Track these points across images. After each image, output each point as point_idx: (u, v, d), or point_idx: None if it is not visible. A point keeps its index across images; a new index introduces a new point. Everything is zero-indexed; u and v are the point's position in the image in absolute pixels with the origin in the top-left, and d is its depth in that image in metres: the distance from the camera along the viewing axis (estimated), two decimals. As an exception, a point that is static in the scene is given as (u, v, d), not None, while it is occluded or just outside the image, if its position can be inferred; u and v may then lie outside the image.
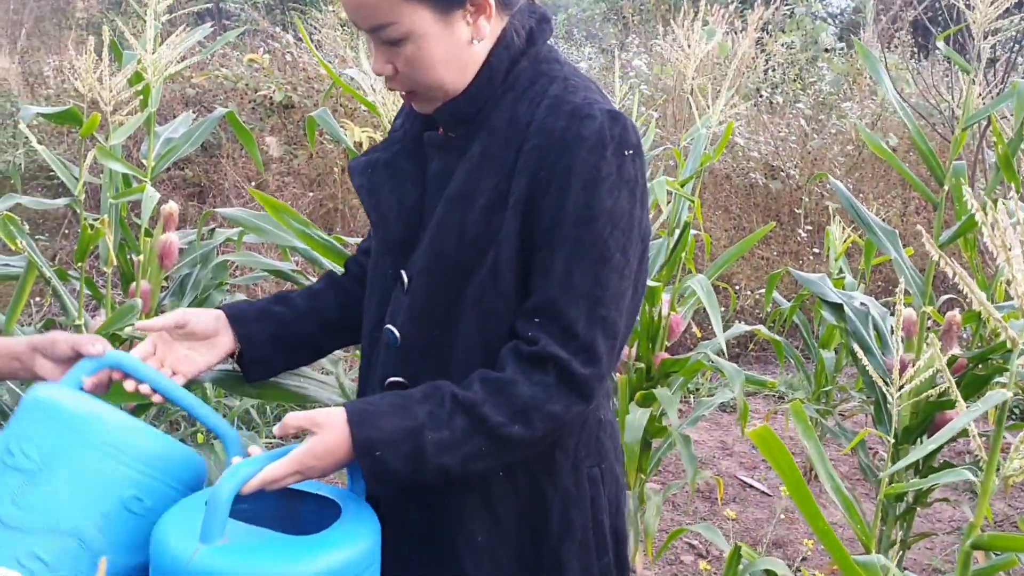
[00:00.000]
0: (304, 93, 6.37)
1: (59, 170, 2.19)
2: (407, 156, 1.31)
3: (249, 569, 1.07)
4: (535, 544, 1.27)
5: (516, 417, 1.15)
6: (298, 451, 1.13)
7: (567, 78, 1.24)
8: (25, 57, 13.42)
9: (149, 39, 2.17)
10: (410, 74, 1.21)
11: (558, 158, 1.16)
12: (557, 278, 1.16)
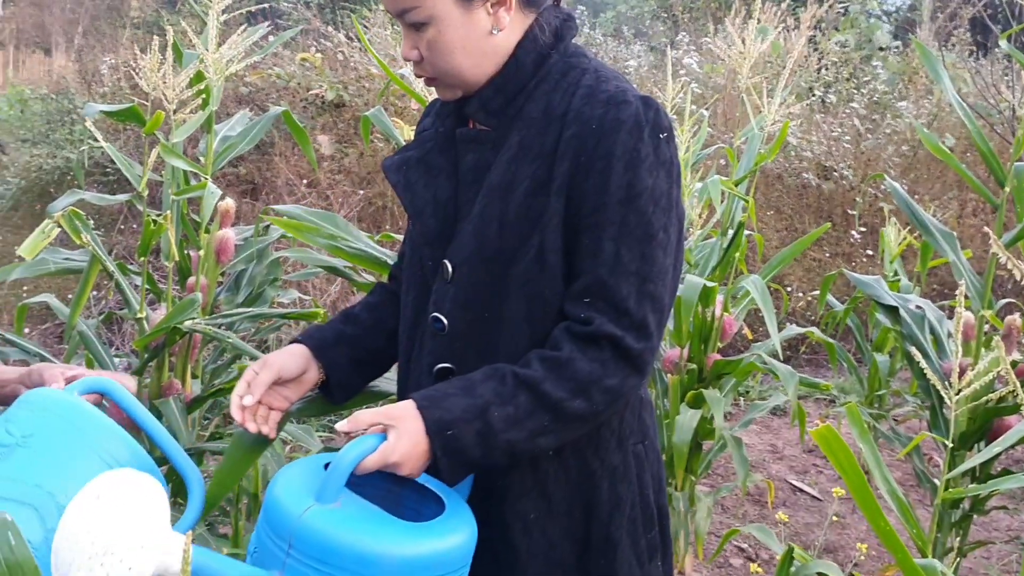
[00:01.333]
0: (355, 92, 6.43)
1: (123, 167, 2.24)
2: (439, 152, 1.36)
3: (353, 537, 1.10)
4: (585, 520, 1.31)
5: (576, 393, 1.20)
6: (384, 444, 1.17)
7: (597, 70, 1.30)
8: (81, 55, 13.74)
9: (211, 38, 2.20)
10: (431, 59, 1.27)
11: (598, 142, 1.22)
12: (606, 257, 1.21)
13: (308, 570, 1.11)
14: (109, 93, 8.18)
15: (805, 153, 6.45)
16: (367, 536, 1.11)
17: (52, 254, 2.53)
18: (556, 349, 1.22)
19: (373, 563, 1.10)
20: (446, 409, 1.18)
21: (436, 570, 1.14)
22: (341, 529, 1.11)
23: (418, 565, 1.12)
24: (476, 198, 1.29)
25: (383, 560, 1.10)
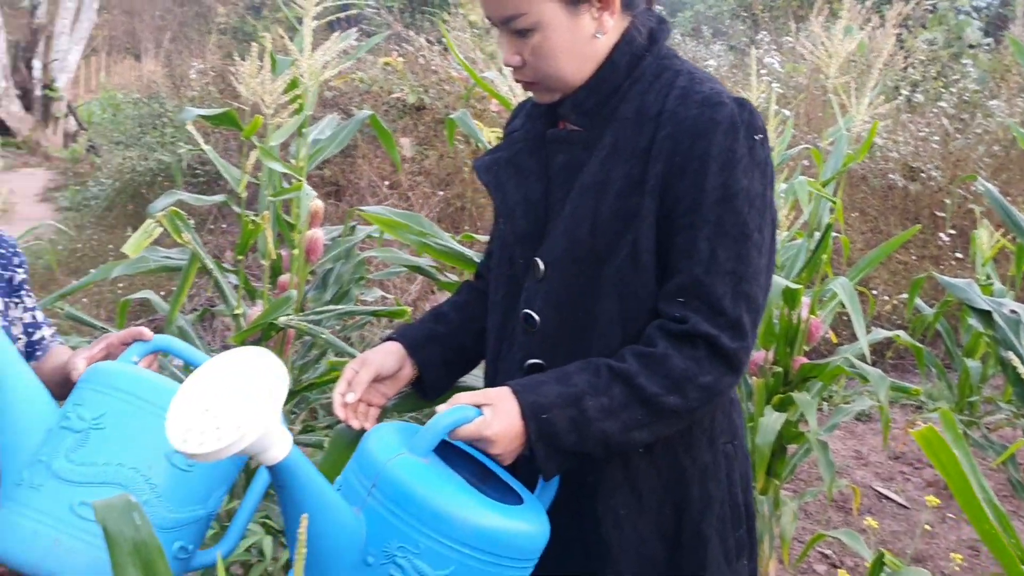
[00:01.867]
0: (435, 95, 6.52)
1: (222, 169, 2.33)
2: (529, 153, 1.39)
3: (433, 492, 1.13)
4: (676, 517, 1.32)
5: (671, 388, 1.21)
6: (480, 418, 1.20)
7: (690, 71, 1.32)
8: (170, 60, 14.19)
9: (306, 45, 2.27)
10: (535, 63, 1.29)
11: (694, 143, 1.23)
12: (701, 257, 1.22)
13: (385, 513, 1.13)
14: (198, 97, 8.44)
15: (891, 153, 6.30)
16: (446, 495, 1.14)
17: (151, 252, 2.63)
18: (650, 346, 1.24)
19: (445, 522, 1.12)
20: (541, 394, 1.21)
21: (502, 550, 1.15)
22: (424, 481, 1.14)
23: (486, 537, 1.14)
24: (567, 198, 1.31)
25: (455, 522, 1.12)
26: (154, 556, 0.93)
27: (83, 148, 12.65)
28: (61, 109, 13.67)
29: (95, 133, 13.70)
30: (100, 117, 15.46)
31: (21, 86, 13.31)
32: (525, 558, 1.19)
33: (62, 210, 9.23)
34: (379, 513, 1.14)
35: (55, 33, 13.77)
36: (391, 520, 1.13)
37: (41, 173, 11.81)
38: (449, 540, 1.12)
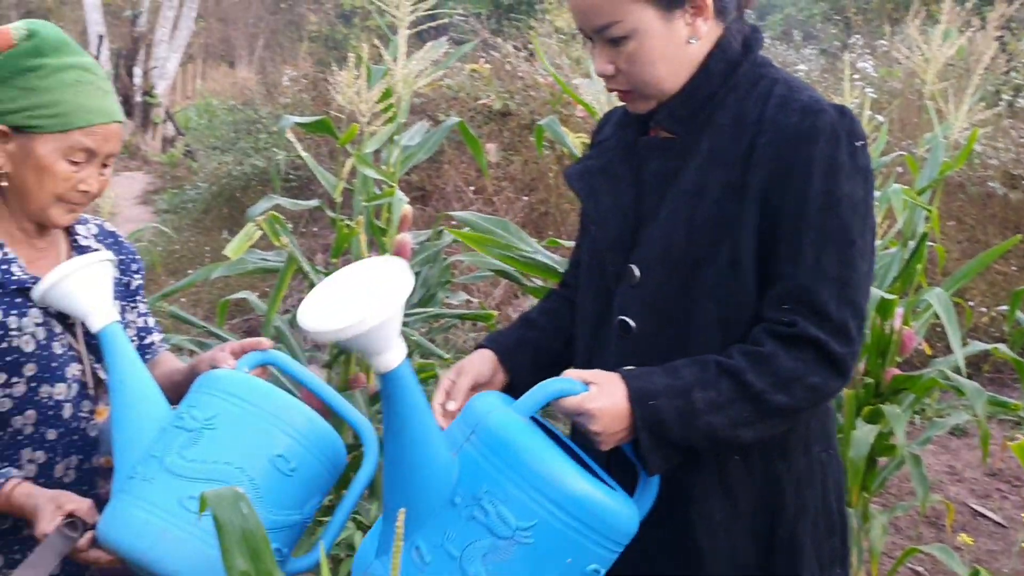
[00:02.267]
0: (520, 101, 6.57)
1: (319, 175, 2.40)
2: (620, 161, 1.40)
3: (531, 445, 1.16)
4: (770, 523, 1.32)
5: (778, 386, 1.22)
6: (585, 393, 1.21)
7: (787, 80, 1.33)
8: (264, 67, 14.61)
9: (401, 54, 2.33)
10: (630, 71, 1.30)
11: (796, 150, 1.24)
12: (807, 263, 1.23)
13: (479, 457, 1.17)
14: (290, 104, 8.67)
15: (991, 161, 6.10)
16: (543, 450, 1.17)
17: (248, 254, 2.73)
18: (758, 345, 1.24)
19: (538, 475, 1.14)
20: (649, 382, 1.22)
21: (589, 519, 1.16)
22: (524, 435, 1.17)
23: (577, 502, 1.15)
24: (660, 204, 1.32)
25: (549, 477, 1.14)
26: (260, 544, 0.98)
27: (180, 153, 13.11)
28: (160, 115, 14.19)
29: (192, 138, 14.20)
30: (196, 123, 16.03)
31: (122, 92, 13.86)
32: (610, 539, 1.19)
33: (160, 212, 9.59)
34: (473, 458, 1.17)
35: (155, 41, 14.32)
36: (484, 465, 1.16)
37: (141, 176, 12.29)
38: (538, 494, 1.14)
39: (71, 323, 1.49)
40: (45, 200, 1.44)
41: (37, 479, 1.45)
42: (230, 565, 0.96)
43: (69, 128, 1.42)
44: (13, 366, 1.42)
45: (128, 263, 1.65)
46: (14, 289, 1.44)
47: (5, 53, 1.44)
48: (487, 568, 1.14)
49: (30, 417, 1.44)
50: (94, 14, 13.77)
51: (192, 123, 15.92)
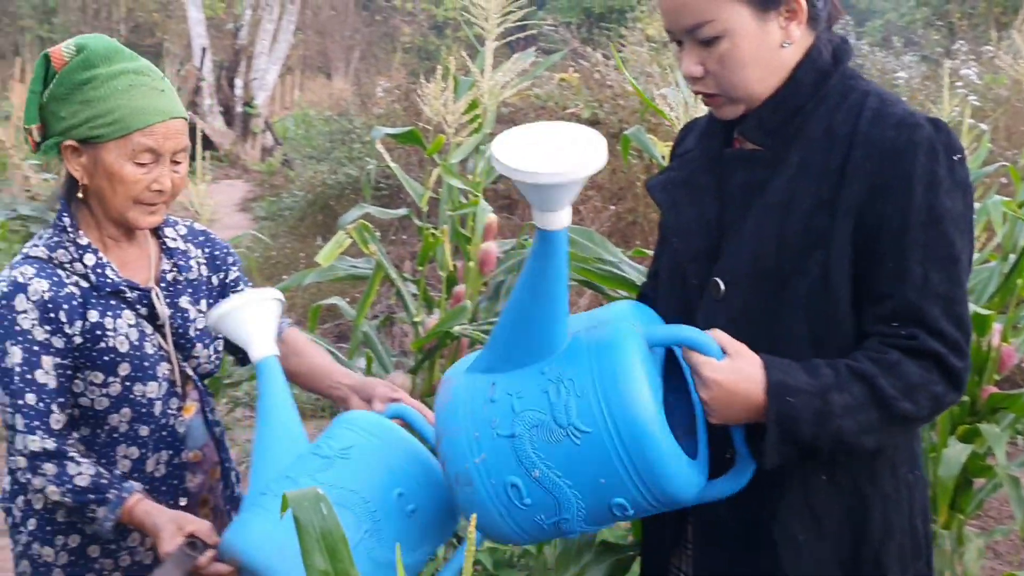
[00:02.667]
0: (609, 110, 6.55)
1: (407, 185, 2.46)
2: (704, 172, 1.38)
3: (632, 369, 1.18)
4: (855, 544, 1.30)
5: (906, 393, 1.21)
6: (718, 361, 1.21)
7: (879, 92, 1.30)
8: (359, 78, 14.95)
9: (487, 66, 2.37)
10: (720, 73, 1.28)
11: (894, 165, 1.22)
12: (915, 281, 1.22)
13: (584, 350, 1.20)
14: (383, 114, 8.84)
15: (1103, 170, 5.81)
16: (636, 380, 1.17)
17: (339, 261, 2.82)
18: (881, 354, 1.23)
19: (616, 395, 1.16)
20: (791, 376, 1.20)
21: (637, 461, 1.17)
22: (632, 356, 1.19)
23: (634, 440, 1.16)
24: (744, 217, 1.31)
25: (622, 403, 1.16)
26: (338, 544, 1.01)
27: (278, 162, 13.50)
28: (259, 125, 14.66)
29: (289, 148, 14.60)
30: (294, 133, 16.47)
31: (224, 103, 14.38)
32: (650, 490, 1.19)
33: (258, 219, 9.90)
34: (580, 346, 1.21)
35: (255, 53, 14.80)
36: (583, 357, 1.20)
37: (240, 184, 12.71)
38: (607, 408, 1.17)
39: (160, 324, 1.57)
40: (123, 204, 1.50)
41: (131, 474, 1.53)
42: (309, 564, 1.00)
43: (128, 132, 1.46)
44: (110, 366, 1.49)
45: (223, 258, 1.71)
46: (109, 292, 1.52)
47: (60, 72, 1.50)
48: (532, 439, 1.19)
49: (125, 415, 1.51)
50: (198, 28, 14.31)
51: (290, 133, 16.37)
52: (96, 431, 1.52)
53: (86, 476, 1.45)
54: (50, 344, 1.46)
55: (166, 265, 1.61)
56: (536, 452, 1.19)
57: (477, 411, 1.24)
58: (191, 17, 14.40)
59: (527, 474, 1.20)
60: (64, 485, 1.44)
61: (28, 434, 1.45)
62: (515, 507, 1.22)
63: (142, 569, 1.57)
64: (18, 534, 1.56)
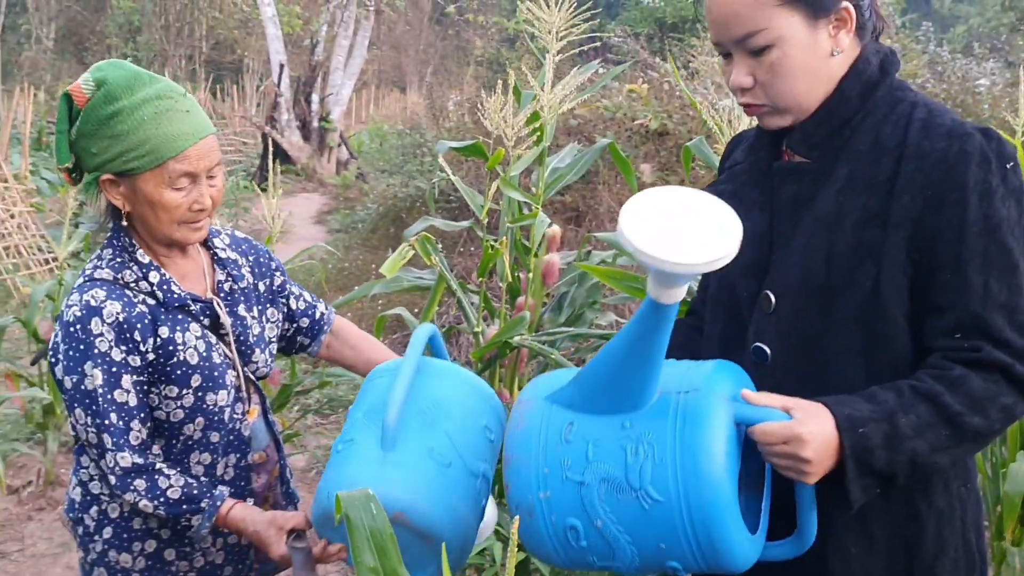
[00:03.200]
0: (678, 120, 6.54)
1: (467, 196, 2.51)
2: (752, 185, 1.39)
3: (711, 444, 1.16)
4: (908, 561, 1.29)
5: (974, 408, 1.19)
6: (793, 421, 1.18)
7: (926, 103, 1.30)
8: (431, 92, 15.17)
9: (547, 80, 2.41)
10: (770, 82, 1.28)
11: (947, 175, 1.21)
12: (975, 292, 1.21)
13: (671, 416, 1.18)
14: (454, 127, 8.97)
15: None
16: (719, 461, 1.15)
17: (405, 272, 2.88)
18: (944, 371, 1.22)
19: (695, 474, 1.15)
20: (855, 408, 1.19)
21: (702, 537, 1.16)
22: (720, 439, 1.16)
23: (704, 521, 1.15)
24: (793, 230, 1.31)
25: (700, 482, 1.14)
26: (387, 543, 1.06)
27: (353, 175, 13.78)
28: (335, 139, 14.97)
29: (364, 161, 14.89)
30: (368, 146, 16.81)
31: (300, 118, 14.73)
32: (707, 560, 1.19)
33: (333, 232, 10.12)
34: (668, 410, 1.19)
35: (331, 69, 15.13)
36: (668, 422, 1.18)
37: (316, 197, 13.01)
38: (683, 485, 1.15)
39: (224, 333, 1.63)
40: (168, 228, 1.54)
41: (202, 478, 1.59)
42: (359, 561, 1.05)
43: (162, 161, 1.48)
44: (183, 379, 1.54)
45: (266, 264, 1.75)
46: (176, 307, 1.56)
47: (84, 109, 1.50)
48: (599, 491, 1.19)
49: (199, 424, 1.57)
50: (276, 44, 14.69)
51: (364, 147, 16.70)
52: (172, 441, 1.57)
53: (176, 488, 1.51)
54: (127, 363, 1.50)
55: (221, 276, 1.66)
56: (602, 504, 1.19)
57: (550, 447, 1.24)
58: (269, 34, 14.79)
59: (589, 521, 1.20)
60: (157, 499, 1.50)
61: (117, 451, 1.49)
62: (570, 546, 1.23)
63: (215, 568, 1.64)
64: (92, 543, 1.61)
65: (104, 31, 24.57)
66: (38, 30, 24.70)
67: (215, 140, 1.56)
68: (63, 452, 4.13)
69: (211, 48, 25.37)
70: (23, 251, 7.16)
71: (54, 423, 3.86)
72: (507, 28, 18.70)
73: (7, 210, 7.28)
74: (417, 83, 26.85)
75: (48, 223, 8.35)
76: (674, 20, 13.93)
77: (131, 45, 23.33)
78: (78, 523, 1.63)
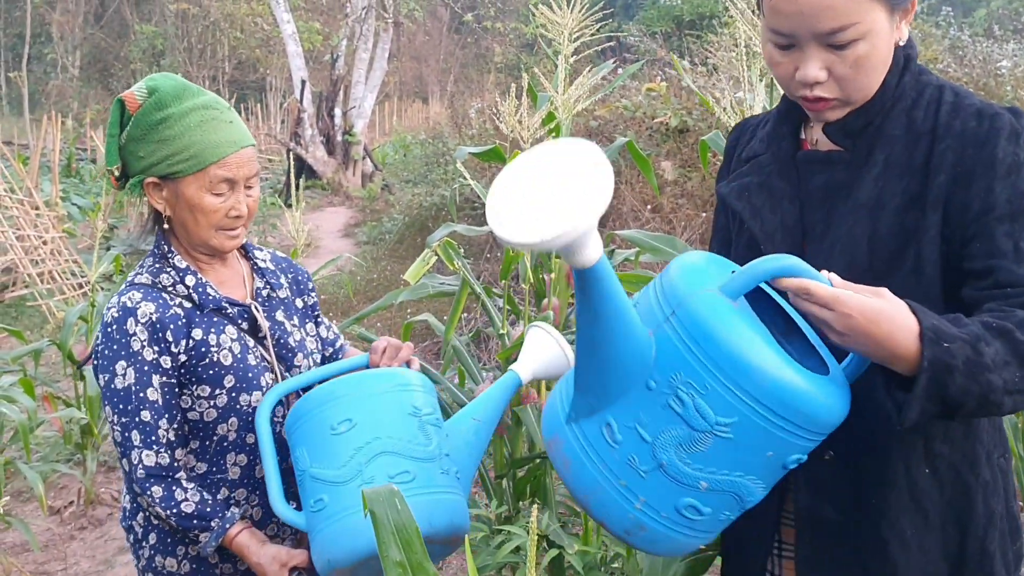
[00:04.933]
0: (698, 116, 6.53)
1: (484, 199, 2.53)
2: (779, 176, 1.38)
3: (737, 335, 1.08)
4: (960, 534, 1.30)
5: None
6: (850, 294, 1.10)
7: (952, 87, 1.31)
8: (452, 101, 15.24)
9: (561, 81, 2.43)
10: (851, 76, 1.24)
11: (977, 153, 1.22)
12: (1007, 253, 1.20)
13: (679, 343, 1.10)
14: (476, 135, 9.02)
15: None
16: (749, 343, 1.09)
17: (431, 279, 2.90)
18: (1007, 313, 1.17)
19: (742, 370, 1.08)
20: (942, 322, 1.12)
21: (793, 416, 1.09)
22: (727, 323, 1.09)
23: (782, 398, 1.08)
24: (827, 219, 1.31)
25: (753, 373, 1.07)
26: (413, 537, 1.07)
27: (378, 187, 13.87)
28: (359, 152, 15.08)
29: (389, 172, 14.99)
30: (392, 158, 16.92)
31: (324, 133, 14.86)
32: (815, 431, 1.13)
33: (360, 244, 10.20)
34: (672, 342, 1.11)
35: (352, 82, 15.25)
36: (684, 353, 1.10)
37: (343, 211, 13.12)
38: (741, 390, 1.08)
39: (262, 336, 1.66)
40: (205, 232, 1.60)
41: (241, 480, 1.62)
42: (385, 556, 1.06)
43: (205, 166, 1.56)
44: (216, 379, 1.59)
45: (305, 283, 1.81)
46: (211, 309, 1.62)
47: (135, 114, 1.60)
48: (681, 458, 1.11)
49: (233, 424, 1.61)
50: (297, 60, 14.84)
51: (389, 158, 16.81)
52: (206, 442, 1.61)
53: (191, 503, 1.54)
54: (159, 364, 1.55)
55: (259, 283, 1.71)
56: (693, 467, 1.12)
57: (608, 460, 1.16)
58: (290, 51, 14.94)
59: (695, 490, 1.13)
60: (170, 508, 1.54)
61: (145, 448, 1.53)
62: (696, 522, 1.16)
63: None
64: (140, 549, 1.65)
65: (128, 56, 24.95)
66: (63, 59, 25.16)
67: (254, 152, 1.63)
68: (102, 471, 4.21)
69: (234, 68, 25.68)
70: (57, 276, 7.29)
71: (92, 443, 3.93)
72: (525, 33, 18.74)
73: (40, 237, 7.42)
74: (439, 93, 26.98)
75: (80, 248, 8.50)
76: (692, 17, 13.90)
77: (156, 69, 23.67)
78: (129, 531, 1.67)
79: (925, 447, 1.28)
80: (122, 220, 9.34)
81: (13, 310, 7.45)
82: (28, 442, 2.84)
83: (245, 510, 1.63)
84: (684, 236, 5.66)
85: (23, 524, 2.93)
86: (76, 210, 10.67)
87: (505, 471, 2.57)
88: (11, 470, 3.45)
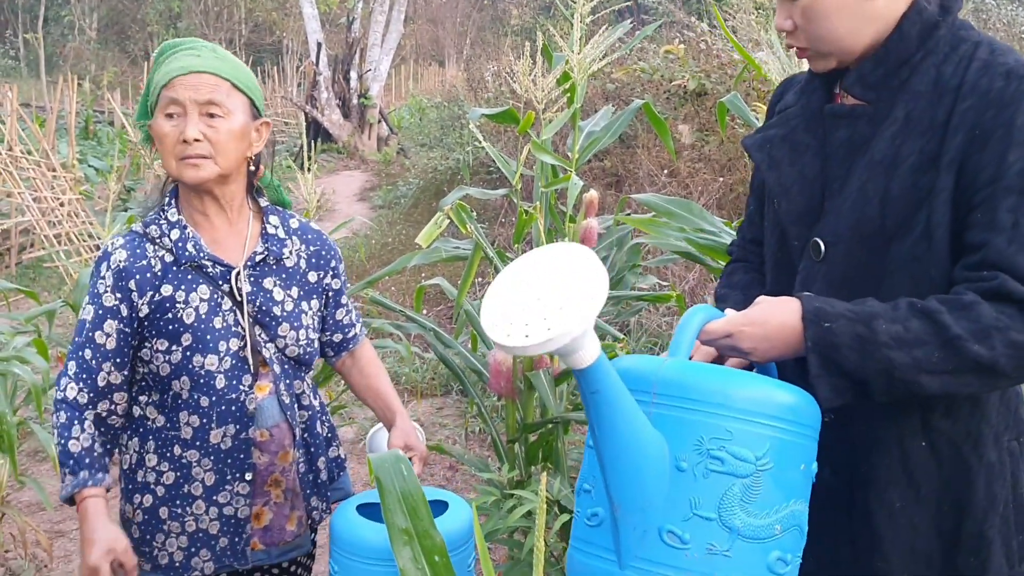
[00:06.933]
0: (717, 79, 6.44)
1: (500, 163, 2.49)
2: (804, 129, 1.35)
3: (719, 375, 1.15)
4: (956, 515, 1.26)
5: (978, 335, 1.13)
6: (735, 313, 1.22)
7: (990, 43, 1.25)
8: (468, 65, 15.11)
9: (576, 40, 2.38)
10: (806, 26, 1.26)
11: (997, 114, 1.18)
12: (1004, 229, 1.16)
13: (681, 413, 1.13)
14: (492, 98, 8.94)
15: None
16: (728, 372, 1.17)
17: (444, 243, 2.87)
18: (955, 296, 1.17)
19: (749, 403, 1.11)
20: (828, 304, 1.18)
21: (805, 421, 1.14)
22: (704, 368, 1.17)
23: (792, 411, 1.13)
24: (847, 174, 1.27)
25: (760, 401, 1.12)
26: (419, 504, 1.07)
27: (394, 151, 13.81)
28: (374, 115, 15.00)
29: (404, 136, 14.92)
30: (408, 122, 16.83)
31: (340, 96, 14.78)
32: (815, 426, 1.18)
33: (376, 208, 10.18)
34: (673, 417, 1.12)
35: (368, 45, 15.14)
36: (690, 417, 1.11)
37: (359, 175, 13.07)
38: (759, 416, 1.11)
39: (240, 301, 1.63)
40: (168, 163, 1.60)
41: (193, 442, 1.61)
42: (391, 522, 1.06)
43: (158, 91, 1.59)
44: (174, 335, 1.58)
45: (328, 259, 1.75)
46: (189, 265, 1.61)
47: None
48: (749, 512, 1.10)
49: (185, 383, 1.59)
50: (312, 23, 14.74)
51: (404, 122, 16.72)
52: (163, 395, 1.62)
53: (79, 444, 1.56)
54: (117, 310, 1.58)
55: (259, 248, 1.67)
56: (762, 516, 1.11)
57: (689, 565, 1.09)
58: (306, 13, 14.83)
59: (775, 539, 1.12)
60: (61, 437, 1.57)
61: (73, 380, 1.58)
62: (788, 570, 1.15)
63: (208, 537, 1.63)
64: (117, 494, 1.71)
65: (145, 19, 24.86)
66: (80, 21, 25.10)
67: (221, 82, 1.59)
68: (119, 431, 4.23)
69: (250, 31, 25.56)
70: (74, 238, 7.31)
71: (109, 403, 3.95)
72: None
73: (56, 198, 7.43)
74: (455, 56, 26.78)
75: (97, 210, 8.52)
76: (712, -21, 13.66)
77: (172, 31, 23.59)
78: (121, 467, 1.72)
79: (923, 419, 1.25)
80: (139, 182, 9.35)
81: (31, 271, 7.50)
82: (41, 403, 2.84)
83: (197, 472, 1.62)
84: (701, 200, 5.60)
85: (37, 484, 2.95)
86: (93, 172, 10.69)
87: (517, 436, 2.56)
88: (25, 430, 3.47)
